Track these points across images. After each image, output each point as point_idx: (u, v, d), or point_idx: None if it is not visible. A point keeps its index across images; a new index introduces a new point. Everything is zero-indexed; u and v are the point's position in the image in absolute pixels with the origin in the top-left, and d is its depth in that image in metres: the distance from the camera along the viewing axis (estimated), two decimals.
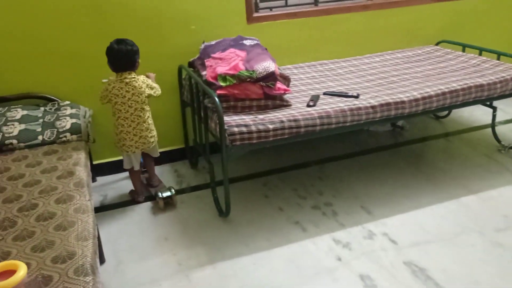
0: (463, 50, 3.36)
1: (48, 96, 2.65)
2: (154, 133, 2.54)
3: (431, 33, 3.62)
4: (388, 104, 2.45)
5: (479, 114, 3.66)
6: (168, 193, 2.62)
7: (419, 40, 3.61)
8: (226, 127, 2.20)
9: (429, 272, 2.04)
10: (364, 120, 2.44)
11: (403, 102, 2.48)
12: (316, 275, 2.06)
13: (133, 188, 2.71)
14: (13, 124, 2.38)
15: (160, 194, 2.60)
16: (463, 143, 3.26)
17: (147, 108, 2.45)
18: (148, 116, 2.46)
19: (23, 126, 2.38)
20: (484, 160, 2.98)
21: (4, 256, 1.51)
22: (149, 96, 2.44)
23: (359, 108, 2.40)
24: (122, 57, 2.32)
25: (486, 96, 2.71)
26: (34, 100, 2.65)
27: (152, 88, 2.44)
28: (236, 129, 2.20)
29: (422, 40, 3.61)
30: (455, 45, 3.44)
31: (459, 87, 2.60)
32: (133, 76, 2.36)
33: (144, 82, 2.40)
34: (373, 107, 2.42)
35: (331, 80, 2.90)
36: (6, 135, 2.30)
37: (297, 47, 3.22)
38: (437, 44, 3.59)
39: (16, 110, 2.49)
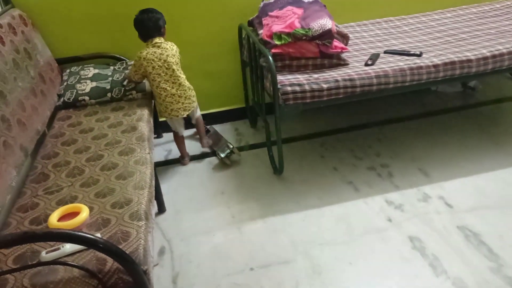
0: None
1: (117, 56, 2.82)
2: (194, 92, 2.58)
3: None
4: (452, 62, 2.32)
5: None
6: (227, 151, 2.72)
7: None
8: (279, 86, 2.22)
9: (483, 238, 1.98)
10: (425, 80, 2.33)
11: (469, 60, 2.33)
12: (364, 234, 2.08)
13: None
14: (85, 82, 2.57)
15: (221, 154, 2.71)
16: None
17: (181, 70, 2.50)
18: (185, 78, 2.51)
19: (94, 84, 2.56)
20: None
21: (72, 199, 1.70)
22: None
23: (420, 67, 2.30)
24: (149, 23, 2.38)
25: None
26: (105, 60, 2.82)
27: (179, 52, 2.51)
28: (289, 88, 2.21)
29: None
30: None
31: None
32: (162, 41, 2.42)
33: (173, 45, 2.47)
34: (435, 66, 2.31)
35: (395, 38, 2.78)
36: (79, 92, 2.50)
37: (362, 3, 3.09)
38: None
39: (89, 69, 2.68)
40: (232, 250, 2.07)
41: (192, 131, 3.11)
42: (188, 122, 2.77)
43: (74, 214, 1.57)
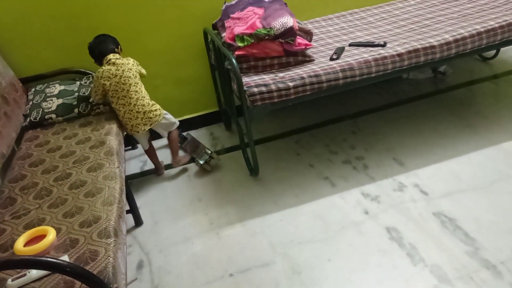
0: None
1: (82, 70, 2.77)
2: (157, 106, 2.53)
3: None
4: (416, 50, 2.33)
5: None
6: (206, 157, 2.69)
7: None
8: (245, 88, 2.20)
9: (459, 222, 1.99)
10: (391, 69, 2.34)
11: (433, 46, 2.34)
12: (341, 229, 2.08)
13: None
14: (51, 100, 2.53)
15: (200, 161, 2.69)
16: (511, 85, 3.04)
17: (141, 83, 2.47)
18: (146, 92, 2.49)
19: (60, 101, 2.52)
20: None
21: (39, 222, 1.66)
22: (140, 73, 2.48)
23: (385, 57, 2.31)
24: (100, 43, 2.41)
25: None
26: (71, 75, 2.78)
27: (138, 65, 2.48)
28: (255, 90, 2.20)
29: None
30: None
31: (497, 25, 2.40)
32: (117, 57, 2.40)
33: (129, 59, 2.44)
34: (399, 54, 2.31)
35: (360, 30, 2.78)
36: (45, 110, 2.46)
37: None
38: None
39: (54, 86, 2.64)
40: (211, 257, 2.06)
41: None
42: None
43: (41, 237, 1.54)
